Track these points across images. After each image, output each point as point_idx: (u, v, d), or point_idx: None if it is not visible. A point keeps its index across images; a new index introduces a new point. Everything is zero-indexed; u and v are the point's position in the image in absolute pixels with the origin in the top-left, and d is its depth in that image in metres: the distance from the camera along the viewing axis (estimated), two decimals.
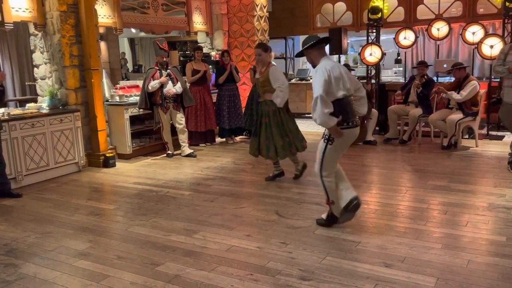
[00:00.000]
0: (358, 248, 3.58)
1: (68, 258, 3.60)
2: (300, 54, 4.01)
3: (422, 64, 7.44)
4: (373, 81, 8.59)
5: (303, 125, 9.73)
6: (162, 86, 6.77)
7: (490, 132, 8.00)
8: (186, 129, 7.17)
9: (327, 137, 3.83)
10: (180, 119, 7.04)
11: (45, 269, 3.42)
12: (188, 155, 7.09)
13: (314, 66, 3.91)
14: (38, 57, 6.73)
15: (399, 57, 10.18)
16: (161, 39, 6.86)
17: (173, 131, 7.23)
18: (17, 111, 6.07)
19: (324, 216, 4.09)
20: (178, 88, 6.89)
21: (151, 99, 6.81)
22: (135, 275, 3.27)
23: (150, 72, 6.85)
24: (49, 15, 6.32)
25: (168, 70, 6.88)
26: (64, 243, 3.90)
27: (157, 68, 6.86)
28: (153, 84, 6.70)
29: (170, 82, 6.85)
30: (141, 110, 7.06)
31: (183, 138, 7.12)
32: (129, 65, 14.37)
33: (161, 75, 6.79)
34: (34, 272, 3.39)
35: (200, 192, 5.27)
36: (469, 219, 4.13)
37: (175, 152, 7.23)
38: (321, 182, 3.94)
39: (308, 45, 3.85)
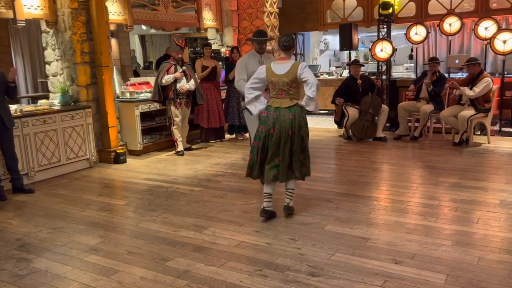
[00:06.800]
0: (367, 245, 3.57)
1: (79, 253, 3.64)
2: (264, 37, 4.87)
3: (433, 61, 7.33)
4: (384, 77, 8.52)
5: (312, 121, 9.72)
6: (175, 81, 6.82)
7: (503, 129, 7.90)
8: (188, 126, 7.31)
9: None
10: (187, 116, 7.17)
11: (57, 264, 3.47)
12: (176, 152, 7.10)
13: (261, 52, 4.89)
14: (49, 54, 6.78)
15: (412, 53, 10.08)
16: (177, 36, 6.90)
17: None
18: (29, 107, 6.13)
19: None
20: (191, 85, 6.95)
21: (163, 93, 6.85)
22: (145, 270, 3.30)
23: (165, 66, 6.89)
24: (60, 12, 6.38)
25: (184, 67, 6.93)
26: (75, 238, 3.95)
27: (173, 63, 6.91)
28: (167, 78, 6.74)
29: (184, 78, 6.90)
30: (152, 106, 7.12)
31: (184, 134, 7.25)
32: (139, 61, 14.36)
33: (175, 70, 6.84)
34: (45, 266, 3.43)
35: (210, 188, 5.28)
36: (480, 216, 4.09)
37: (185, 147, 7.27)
38: None
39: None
